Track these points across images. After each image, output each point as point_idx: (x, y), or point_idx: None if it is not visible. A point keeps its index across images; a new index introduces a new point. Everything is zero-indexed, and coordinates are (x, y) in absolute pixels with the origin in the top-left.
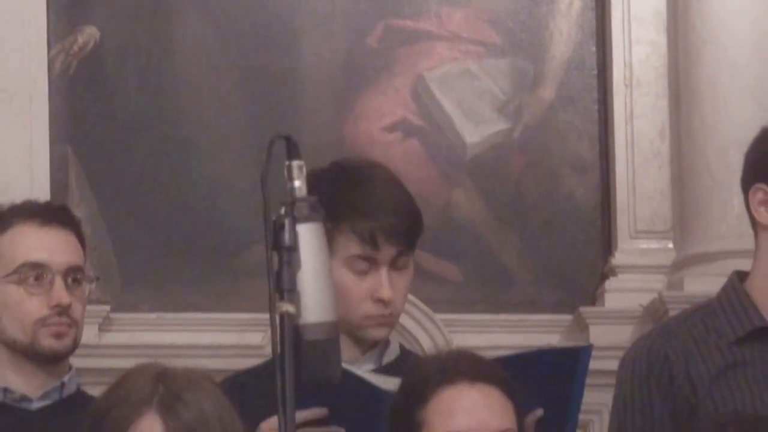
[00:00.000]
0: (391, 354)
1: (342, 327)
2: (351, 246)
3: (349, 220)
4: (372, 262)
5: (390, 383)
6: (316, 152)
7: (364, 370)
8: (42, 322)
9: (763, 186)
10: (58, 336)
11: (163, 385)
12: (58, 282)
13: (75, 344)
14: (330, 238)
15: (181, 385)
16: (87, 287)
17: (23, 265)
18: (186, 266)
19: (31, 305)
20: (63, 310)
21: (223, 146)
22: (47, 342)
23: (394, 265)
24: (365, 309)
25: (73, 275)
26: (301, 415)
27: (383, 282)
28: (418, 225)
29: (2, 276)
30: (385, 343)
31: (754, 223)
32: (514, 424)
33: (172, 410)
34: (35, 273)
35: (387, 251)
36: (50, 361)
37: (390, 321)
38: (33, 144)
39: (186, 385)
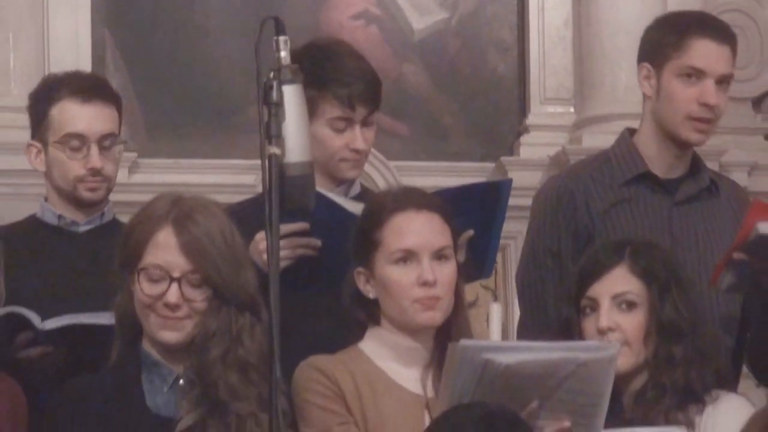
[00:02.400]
0: (355, 190)
1: (322, 170)
2: (332, 109)
3: (330, 88)
4: (348, 122)
5: (356, 208)
6: (297, 35)
7: (350, 202)
8: (80, 179)
9: (646, 65)
10: (93, 190)
11: (177, 207)
12: (94, 149)
13: (107, 193)
14: (314, 104)
15: (192, 208)
16: (118, 148)
17: (67, 135)
18: (197, 122)
19: (72, 166)
20: (96, 172)
21: (227, 28)
22: (85, 194)
23: (364, 123)
24: (342, 155)
25: (106, 141)
26: (289, 227)
27: (357, 136)
28: (380, 87)
29: (52, 141)
30: (350, 182)
31: (644, 93)
32: (450, 243)
33: (183, 226)
34: (76, 142)
35: (360, 112)
36: (88, 205)
37: (361, 164)
38: (78, 27)
39: (196, 208)
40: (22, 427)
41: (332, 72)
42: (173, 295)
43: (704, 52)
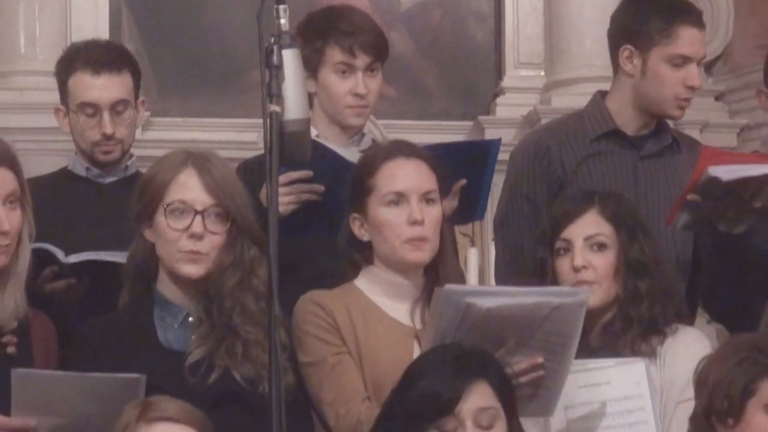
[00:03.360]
0: (366, 143)
1: (332, 121)
2: (336, 55)
3: (334, 37)
4: (351, 68)
5: (353, 156)
6: (296, 4)
7: (349, 151)
8: (96, 144)
9: (629, 47)
10: (107, 153)
11: (194, 155)
12: (106, 116)
13: (122, 154)
14: (321, 53)
15: (207, 155)
16: (130, 113)
17: (81, 104)
18: (204, 84)
19: (89, 133)
20: (110, 137)
21: None
22: (101, 157)
23: (368, 71)
24: (347, 101)
25: (119, 107)
26: (294, 174)
27: (360, 81)
28: (384, 42)
29: (71, 108)
30: (362, 135)
31: (617, 67)
32: (436, 188)
33: (204, 167)
34: (89, 109)
35: (362, 59)
36: (107, 165)
37: (364, 111)
38: None
39: (210, 156)
40: (53, 355)
41: (338, 23)
42: (198, 225)
43: (690, 40)
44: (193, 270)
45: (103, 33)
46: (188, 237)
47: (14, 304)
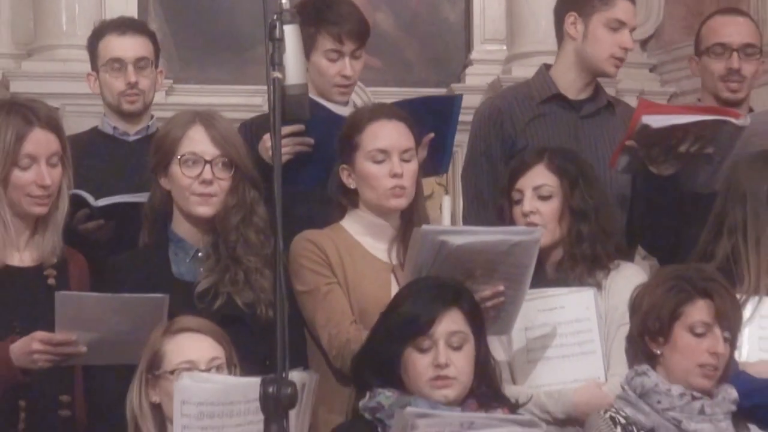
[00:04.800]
0: (349, 110)
1: (321, 96)
2: (326, 42)
3: (325, 26)
4: (339, 54)
5: (344, 111)
6: None
7: (341, 108)
8: (122, 94)
9: (574, 13)
10: (132, 102)
11: (201, 114)
12: (130, 68)
13: (144, 105)
14: (314, 40)
15: (212, 113)
16: (151, 71)
17: (110, 60)
18: (218, 56)
19: (116, 84)
20: (133, 85)
21: None
22: (125, 107)
23: (353, 55)
24: (335, 81)
25: (141, 63)
26: (287, 129)
27: (347, 65)
28: (367, 28)
29: (101, 66)
30: (345, 104)
31: (561, 36)
32: (413, 146)
33: (210, 123)
34: (116, 64)
35: (348, 46)
36: (132, 116)
37: (349, 89)
38: None
39: (214, 114)
40: (86, 286)
41: (328, 14)
42: (208, 172)
43: (625, 9)
44: (205, 210)
45: (131, 12)
46: (200, 183)
47: (53, 244)
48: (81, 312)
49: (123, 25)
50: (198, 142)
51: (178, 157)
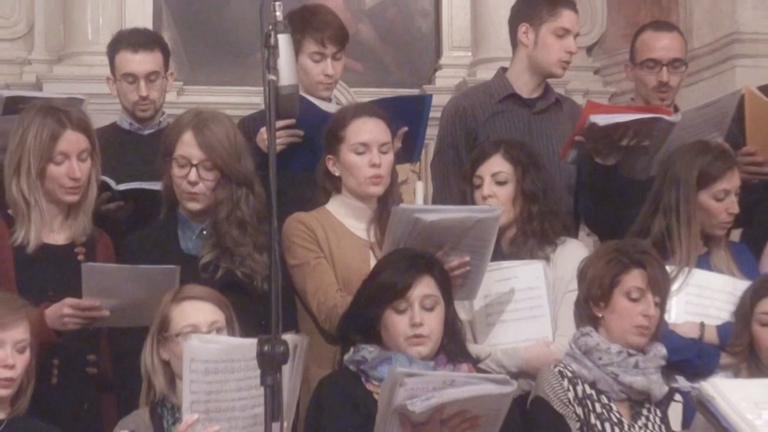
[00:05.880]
0: (332, 108)
1: (306, 90)
2: (311, 46)
3: (310, 32)
4: (322, 56)
5: (330, 108)
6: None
7: (327, 104)
8: (135, 104)
9: (525, 24)
10: (144, 111)
11: (197, 118)
12: (142, 83)
13: (155, 111)
14: (300, 43)
15: (206, 118)
16: (161, 81)
17: (124, 74)
18: (223, 61)
19: (130, 95)
20: (145, 98)
21: None
22: (139, 113)
23: (334, 57)
24: (319, 79)
25: (152, 77)
26: (280, 123)
27: (329, 66)
28: (346, 33)
29: (117, 77)
30: (329, 100)
31: (515, 44)
32: (390, 140)
33: (199, 130)
34: (130, 78)
35: (330, 49)
36: (144, 120)
37: (332, 86)
38: None
39: (210, 118)
40: (111, 261)
41: (312, 21)
42: (193, 175)
43: (569, 18)
44: (193, 205)
45: (147, 23)
46: (187, 182)
47: (84, 226)
48: (104, 281)
49: (135, 44)
50: (187, 146)
51: (173, 157)
